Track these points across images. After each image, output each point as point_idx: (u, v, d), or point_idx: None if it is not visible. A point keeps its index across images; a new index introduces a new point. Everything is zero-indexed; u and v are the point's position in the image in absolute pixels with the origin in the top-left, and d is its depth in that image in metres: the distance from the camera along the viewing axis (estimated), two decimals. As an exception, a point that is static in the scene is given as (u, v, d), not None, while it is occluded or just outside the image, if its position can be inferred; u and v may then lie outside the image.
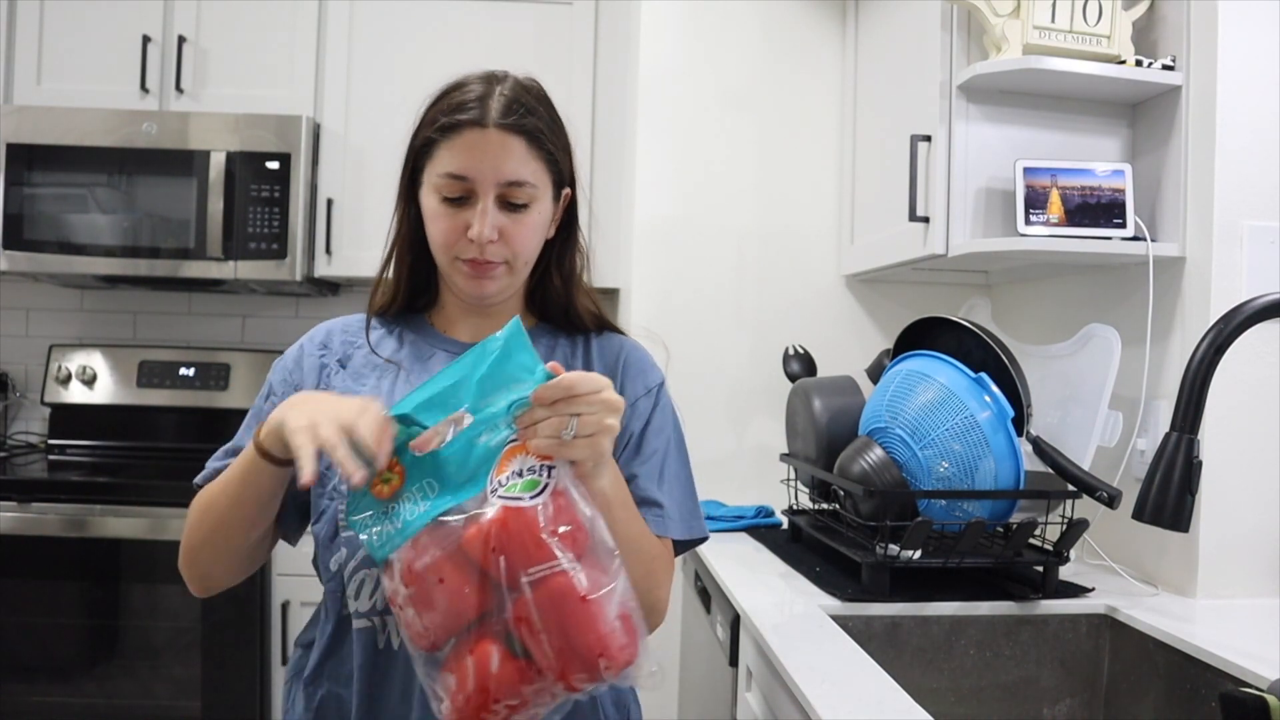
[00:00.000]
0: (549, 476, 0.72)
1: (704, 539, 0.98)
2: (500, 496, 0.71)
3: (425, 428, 0.73)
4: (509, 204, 0.89)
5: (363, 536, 0.72)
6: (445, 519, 0.70)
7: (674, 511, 0.94)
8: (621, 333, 1.04)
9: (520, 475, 0.72)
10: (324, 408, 0.73)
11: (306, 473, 0.69)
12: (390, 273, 0.99)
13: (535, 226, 0.92)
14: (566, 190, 0.97)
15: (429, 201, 0.91)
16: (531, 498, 0.71)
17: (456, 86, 0.91)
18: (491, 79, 0.91)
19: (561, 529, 0.70)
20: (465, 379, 0.73)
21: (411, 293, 1.00)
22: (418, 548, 0.70)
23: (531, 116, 0.90)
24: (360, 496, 0.73)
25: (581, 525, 0.71)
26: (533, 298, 1.03)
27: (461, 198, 0.89)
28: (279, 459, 0.78)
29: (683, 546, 0.96)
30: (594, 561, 0.71)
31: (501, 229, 0.89)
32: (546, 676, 0.69)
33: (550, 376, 0.72)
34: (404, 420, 0.73)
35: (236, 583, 0.92)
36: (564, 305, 1.01)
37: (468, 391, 0.73)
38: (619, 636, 0.70)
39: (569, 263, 1.01)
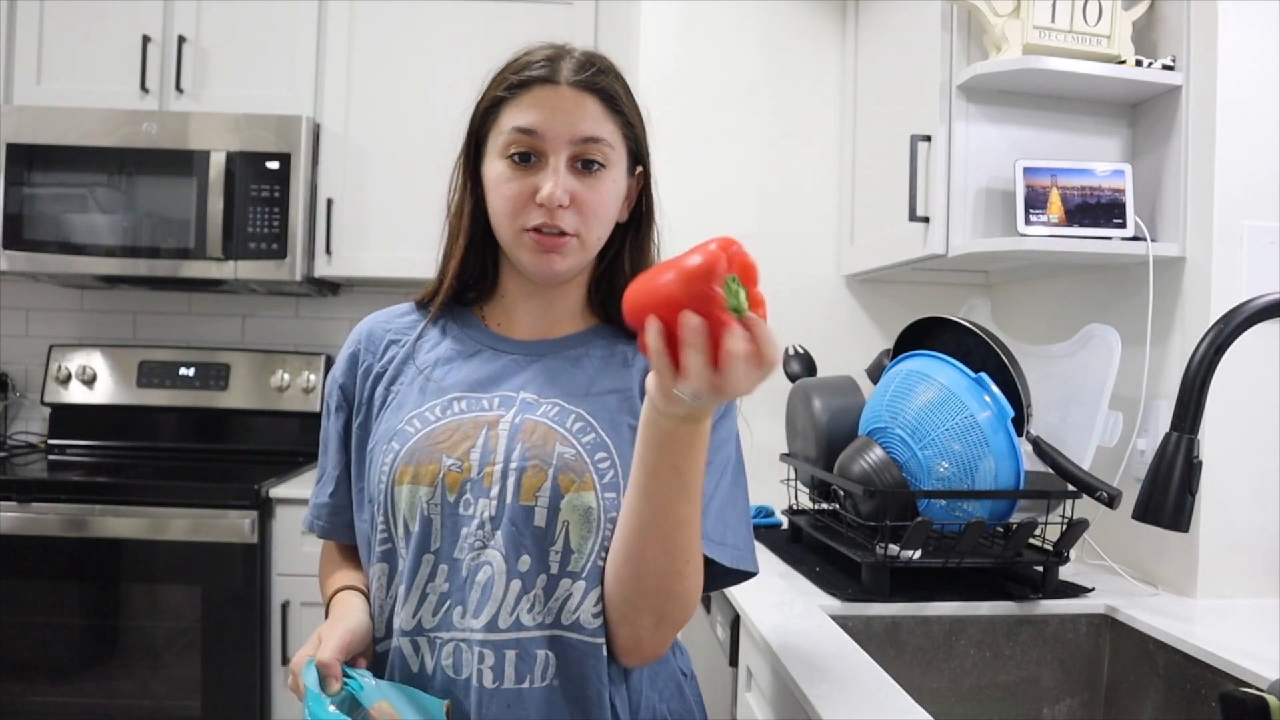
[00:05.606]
0: None
1: (751, 574, 0.85)
2: None
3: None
4: (583, 166, 0.82)
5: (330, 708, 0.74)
6: None
7: (715, 532, 0.81)
8: None
9: None
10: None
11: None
12: (441, 259, 0.91)
13: (610, 196, 0.85)
14: (640, 169, 0.90)
15: (494, 168, 0.84)
16: None
17: (523, 53, 0.86)
18: (560, 46, 0.87)
19: None
20: None
21: (463, 279, 0.91)
22: None
23: (606, 76, 0.84)
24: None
25: None
26: (596, 289, 0.92)
27: (530, 159, 0.82)
28: None
29: (722, 576, 0.83)
30: None
31: (574, 194, 0.81)
32: None
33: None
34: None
35: None
36: None
37: None
38: None
39: (644, 253, 0.91)
